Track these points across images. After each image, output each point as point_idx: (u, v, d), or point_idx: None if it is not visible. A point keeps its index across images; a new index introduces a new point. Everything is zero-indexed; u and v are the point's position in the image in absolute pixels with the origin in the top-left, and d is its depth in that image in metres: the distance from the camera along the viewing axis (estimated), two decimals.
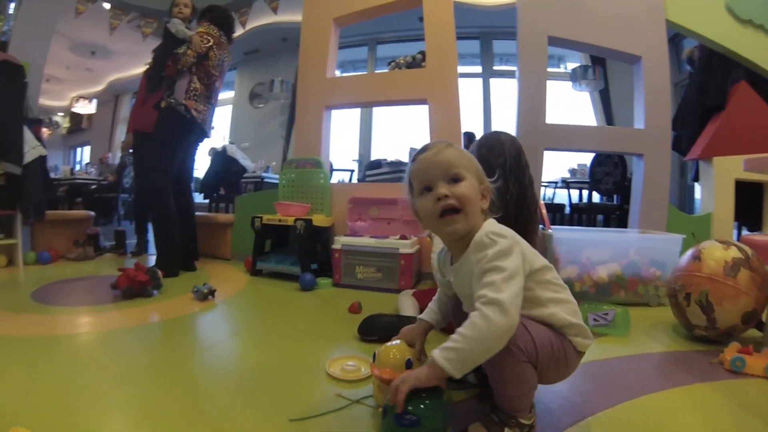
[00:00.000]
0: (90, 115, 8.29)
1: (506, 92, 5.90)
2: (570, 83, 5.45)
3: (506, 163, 1.32)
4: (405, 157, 4.09)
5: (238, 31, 2.93)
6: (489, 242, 0.75)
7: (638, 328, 1.61)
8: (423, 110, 2.68)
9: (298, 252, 2.39)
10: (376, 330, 1.34)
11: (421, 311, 1.51)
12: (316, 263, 2.40)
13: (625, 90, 5.07)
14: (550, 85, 2.77)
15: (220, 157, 4.54)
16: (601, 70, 5.28)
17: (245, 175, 4.65)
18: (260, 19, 5.05)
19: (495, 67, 6.02)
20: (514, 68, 5.54)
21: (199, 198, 4.01)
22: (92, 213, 3.37)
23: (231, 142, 5.22)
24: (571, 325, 0.80)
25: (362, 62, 6.36)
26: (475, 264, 0.75)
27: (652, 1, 2.75)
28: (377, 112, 6.09)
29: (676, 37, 2.79)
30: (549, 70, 2.78)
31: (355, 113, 6.05)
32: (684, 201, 4.83)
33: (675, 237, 2.07)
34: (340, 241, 2.27)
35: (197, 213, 2.91)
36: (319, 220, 2.43)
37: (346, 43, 5.32)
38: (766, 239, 2.18)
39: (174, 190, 2.55)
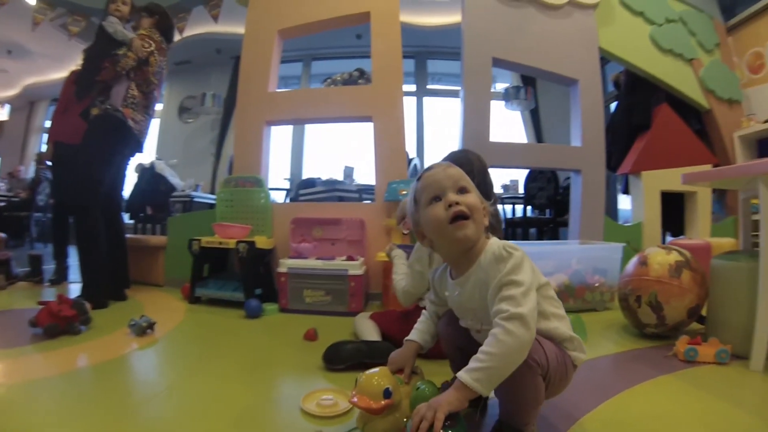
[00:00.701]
0: (1, 123, 7.35)
1: (438, 111, 6.13)
2: (503, 102, 5.75)
3: (474, 181, 1.33)
4: (339, 176, 4.06)
5: (175, 38, 2.73)
6: (507, 255, 0.77)
7: (593, 333, 1.71)
8: (359, 128, 2.65)
9: (241, 277, 2.22)
10: (342, 358, 1.27)
11: (382, 334, 1.48)
12: (260, 288, 2.24)
13: (553, 109, 5.49)
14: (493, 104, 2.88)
15: (147, 174, 4.20)
16: (532, 90, 5.63)
17: (174, 194, 4.33)
18: (195, 28, 4.80)
19: (429, 86, 6.19)
20: (448, 87, 5.73)
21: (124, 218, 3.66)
22: (2, 234, 2.94)
23: (158, 158, 4.85)
24: (571, 339, 0.83)
25: (295, 78, 6.27)
26: (492, 277, 0.76)
27: (587, 30, 3.02)
28: (310, 129, 5.98)
29: (601, 61, 3.04)
30: None
31: (287, 130, 5.90)
32: (609, 212, 5.23)
33: (616, 246, 2.21)
34: (285, 264, 2.13)
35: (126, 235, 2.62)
36: (261, 242, 2.28)
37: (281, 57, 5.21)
38: (693, 242, 2.42)
39: (104, 208, 2.27)
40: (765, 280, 1.28)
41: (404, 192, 2.38)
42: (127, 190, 4.00)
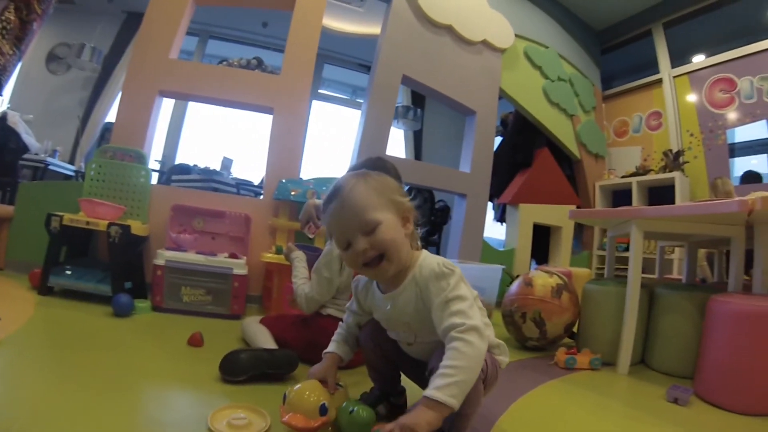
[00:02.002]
0: None
1: (325, 116, 6.07)
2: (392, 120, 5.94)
3: None
4: (217, 166, 3.85)
5: None
6: (448, 272, 0.80)
7: None
8: (246, 120, 2.56)
9: (111, 266, 1.96)
10: (242, 368, 1.12)
11: (275, 340, 1.38)
12: (130, 281, 2.03)
13: (436, 133, 5.85)
14: None
15: None
16: (420, 112, 5.90)
17: (25, 155, 3.68)
18: None
19: (320, 90, 6.12)
20: (335, 94, 5.75)
21: None
22: None
23: (12, 109, 4.11)
24: (498, 345, 0.90)
25: (187, 53, 5.75)
26: (435, 293, 0.79)
27: (493, 70, 3.39)
28: (192, 110, 5.34)
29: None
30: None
31: (166, 107, 5.43)
32: None
33: (496, 267, 2.47)
34: (163, 256, 1.94)
35: None
36: (136, 227, 2.06)
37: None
38: (558, 269, 2.83)
39: None
40: (631, 302, 1.65)
41: (295, 192, 2.35)
42: None
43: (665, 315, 1.71)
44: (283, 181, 2.43)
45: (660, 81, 4.26)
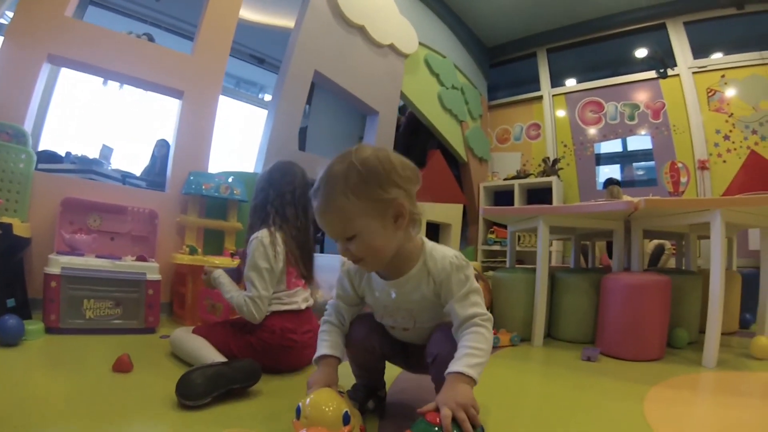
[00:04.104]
0: None
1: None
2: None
3: (296, 192, 1.47)
4: (96, 153, 3.44)
5: None
6: (465, 264, 0.87)
7: None
8: (131, 103, 2.31)
9: None
10: (205, 389, 0.99)
11: (219, 350, 1.30)
12: (13, 298, 1.68)
13: (320, 132, 5.97)
14: (254, 111, 2.97)
15: None
16: (308, 108, 6.00)
17: None
18: None
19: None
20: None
21: None
22: None
23: None
24: None
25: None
26: (457, 285, 0.85)
27: (396, 74, 3.63)
28: (65, 79, 4.70)
29: None
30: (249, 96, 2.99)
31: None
32: None
33: None
34: (58, 262, 1.63)
35: None
36: (18, 227, 1.73)
37: None
38: None
39: None
40: (542, 286, 1.98)
41: (208, 186, 2.25)
42: None
43: (566, 294, 2.08)
44: (194, 173, 2.29)
45: (541, 97, 5.06)
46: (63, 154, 3.07)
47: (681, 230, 2.27)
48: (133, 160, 4.08)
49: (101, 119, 4.21)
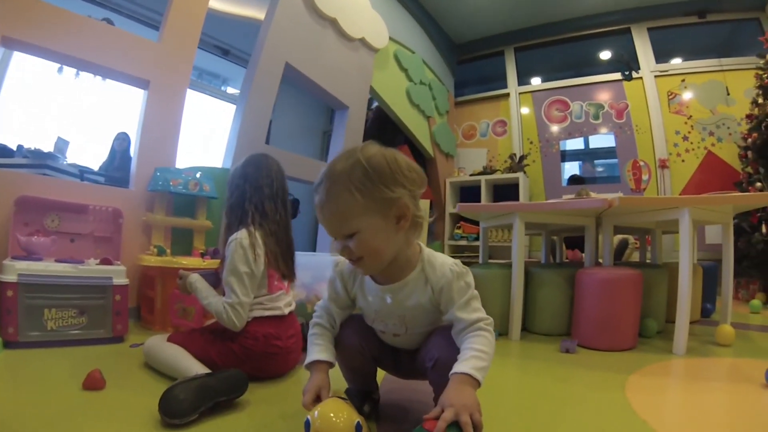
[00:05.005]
0: None
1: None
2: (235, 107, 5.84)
3: (273, 185, 1.43)
4: (50, 147, 3.25)
5: None
6: (465, 271, 0.88)
7: None
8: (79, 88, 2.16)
9: None
10: (192, 404, 0.93)
11: (198, 359, 1.24)
12: None
13: (283, 126, 5.92)
14: (217, 104, 2.87)
15: None
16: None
17: None
18: None
19: None
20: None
21: None
22: None
23: None
24: None
25: None
26: (458, 293, 0.85)
27: (366, 68, 3.60)
28: (16, 65, 4.38)
29: None
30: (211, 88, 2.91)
31: None
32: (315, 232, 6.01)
33: None
34: (14, 269, 1.49)
35: None
36: None
37: None
38: None
39: None
40: (518, 281, 2.03)
41: (176, 183, 2.16)
42: None
43: (541, 288, 2.15)
44: (161, 169, 2.20)
45: (508, 95, 5.20)
46: (14, 148, 2.88)
47: (648, 226, 2.41)
48: (91, 154, 3.85)
49: (56, 110, 3.95)
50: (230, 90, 5.84)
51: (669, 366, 1.56)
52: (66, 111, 3.98)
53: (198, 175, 2.28)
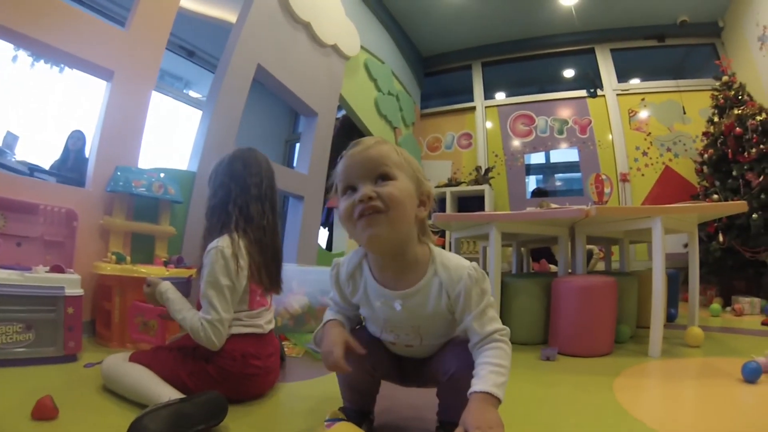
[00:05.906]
0: None
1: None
2: (199, 111, 5.65)
3: (262, 184, 1.31)
4: None
5: None
6: (483, 277, 0.82)
7: None
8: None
9: None
10: None
11: (166, 381, 1.11)
12: None
13: (241, 132, 5.83)
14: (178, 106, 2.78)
15: None
16: None
17: None
18: None
19: None
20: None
21: None
22: None
23: None
24: None
25: None
26: (476, 300, 0.81)
27: (337, 75, 3.60)
28: None
29: None
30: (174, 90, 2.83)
31: None
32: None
33: None
34: None
35: None
36: None
37: None
38: None
39: None
40: (496, 290, 2.05)
41: (139, 184, 2.02)
42: None
43: (516, 298, 2.17)
44: (121, 168, 2.06)
45: (474, 108, 5.36)
46: None
47: (617, 236, 2.51)
48: (42, 151, 3.59)
49: (6, 102, 3.66)
50: (192, 93, 5.64)
51: (648, 368, 1.63)
52: (18, 104, 3.70)
53: (161, 176, 2.16)
